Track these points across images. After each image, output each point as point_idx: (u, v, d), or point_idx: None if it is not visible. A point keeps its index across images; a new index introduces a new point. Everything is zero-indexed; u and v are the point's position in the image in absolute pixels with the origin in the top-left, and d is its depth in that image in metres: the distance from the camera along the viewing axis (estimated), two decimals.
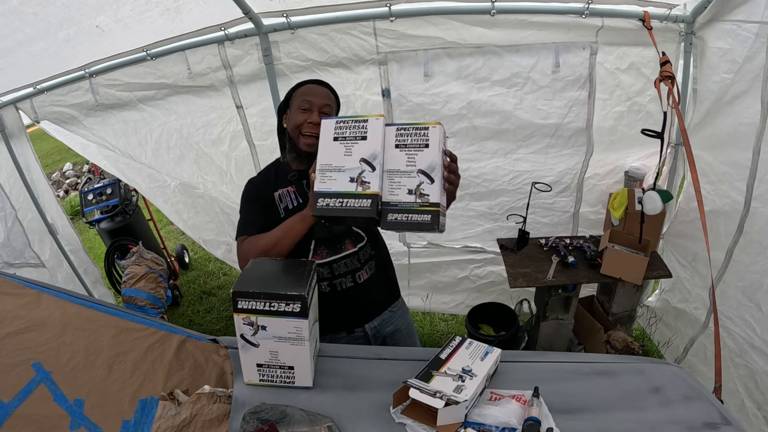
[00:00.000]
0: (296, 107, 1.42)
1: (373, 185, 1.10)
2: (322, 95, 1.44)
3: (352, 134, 1.11)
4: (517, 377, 1.32)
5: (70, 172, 7.31)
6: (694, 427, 1.15)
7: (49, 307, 1.30)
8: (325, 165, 1.12)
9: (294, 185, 1.47)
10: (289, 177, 1.47)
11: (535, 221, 2.48)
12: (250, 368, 1.25)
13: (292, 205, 1.46)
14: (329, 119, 1.16)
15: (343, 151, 1.11)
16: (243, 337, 1.21)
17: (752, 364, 1.87)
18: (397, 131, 1.11)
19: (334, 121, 1.14)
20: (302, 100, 1.42)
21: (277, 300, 1.16)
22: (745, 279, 1.89)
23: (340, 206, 1.11)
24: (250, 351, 1.22)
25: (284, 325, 1.18)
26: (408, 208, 1.11)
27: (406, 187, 1.11)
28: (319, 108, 1.40)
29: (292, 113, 1.44)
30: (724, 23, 1.81)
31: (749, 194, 1.80)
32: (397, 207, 1.11)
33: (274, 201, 1.46)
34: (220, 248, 3.10)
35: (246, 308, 1.17)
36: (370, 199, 1.09)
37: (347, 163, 1.11)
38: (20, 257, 2.76)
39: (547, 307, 2.27)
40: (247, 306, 1.17)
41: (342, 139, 1.12)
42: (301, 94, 1.44)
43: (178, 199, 2.94)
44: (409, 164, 1.11)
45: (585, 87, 2.12)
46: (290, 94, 1.48)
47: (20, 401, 1.05)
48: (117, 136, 2.54)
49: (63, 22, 1.73)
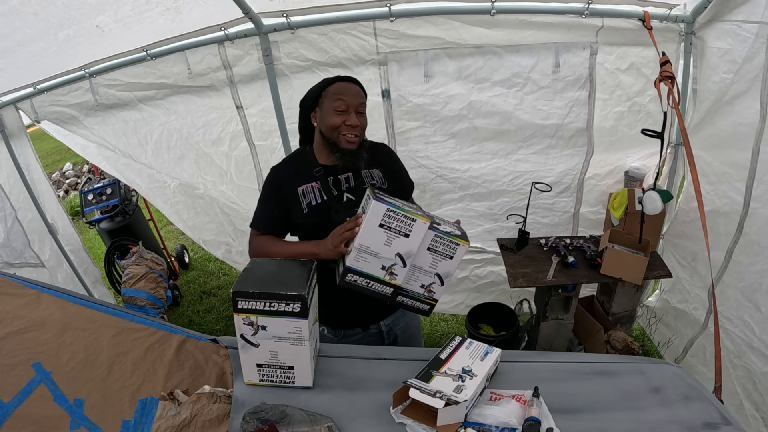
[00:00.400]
0: (330, 108, 1.40)
1: (399, 278, 1.26)
2: (355, 94, 1.42)
3: (397, 228, 1.20)
4: (517, 377, 1.32)
5: (70, 172, 7.31)
6: (694, 427, 1.15)
7: (49, 307, 1.30)
8: (364, 246, 1.22)
9: (319, 180, 1.46)
10: (315, 172, 1.46)
11: (535, 221, 2.48)
12: (250, 368, 1.25)
13: (315, 201, 1.45)
14: (381, 203, 1.19)
15: (384, 239, 1.21)
16: (243, 337, 1.21)
17: (750, 365, 1.87)
18: (435, 237, 1.24)
19: (386, 208, 1.19)
20: (337, 100, 1.39)
21: (277, 300, 1.16)
22: (745, 279, 1.89)
23: (365, 286, 1.26)
24: (250, 351, 1.22)
25: (284, 325, 1.18)
26: (416, 297, 1.31)
27: (421, 282, 1.29)
28: (355, 108, 1.40)
29: (325, 113, 1.41)
30: (724, 23, 1.81)
31: (748, 195, 1.80)
32: (407, 293, 1.30)
33: (297, 196, 1.45)
34: (220, 248, 3.10)
35: (246, 308, 1.17)
36: (393, 288, 1.27)
37: (384, 252, 1.22)
38: (20, 257, 2.76)
39: (547, 307, 2.27)
40: (247, 306, 1.17)
41: (387, 228, 1.20)
42: (334, 93, 1.40)
43: (177, 200, 2.93)
44: (432, 266, 1.27)
45: (585, 87, 2.12)
46: (319, 91, 1.44)
47: (20, 401, 1.05)
48: (117, 136, 2.54)
49: (63, 22, 1.73)
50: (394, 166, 1.60)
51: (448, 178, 2.43)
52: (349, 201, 1.46)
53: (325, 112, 1.41)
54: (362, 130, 1.43)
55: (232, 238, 2.93)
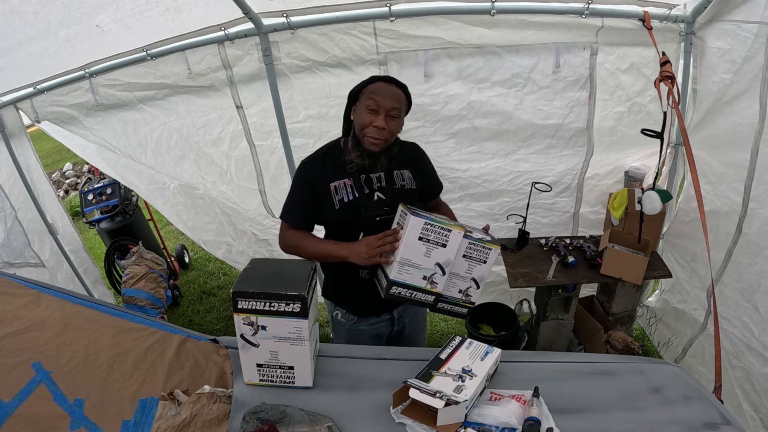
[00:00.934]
0: (364, 105, 1.39)
1: (439, 286, 1.33)
2: (391, 96, 1.39)
3: (435, 239, 1.28)
4: (517, 377, 1.32)
5: (70, 172, 7.31)
6: (694, 427, 1.15)
7: (49, 307, 1.30)
8: (406, 260, 1.29)
9: (351, 177, 1.46)
10: (348, 168, 1.46)
11: (535, 221, 2.48)
12: (250, 368, 1.25)
13: (348, 198, 1.46)
14: (419, 218, 1.26)
15: (423, 251, 1.28)
16: (243, 337, 1.21)
17: (749, 366, 1.87)
18: (469, 245, 1.31)
19: (424, 222, 1.26)
20: (370, 99, 1.38)
21: (277, 300, 1.17)
22: (744, 280, 1.88)
23: (408, 296, 1.33)
24: (250, 351, 1.23)
25: (284, 325, 1.19)
26: (454, 302, 1.39)
27: (459, 287, 1.37)
28: (387, 111, 1.38)
29: (359, 110, 1.42)
30: (724, 23, 1.81)
31: (747, 195, 1.80)
32: (447, 299, 1.38)
33: (330, 191, 1.45)
34: (220, 248, 3.09)
35: (246, 308, 1.18)
36: (434, 296, 1.35)
37: (424, 263, 1.30)
38: (20, 257, 2.76)
39: (547, 307, 2.27)
40: (247, 306, 1.17)
41: (426, 240, 1.28)
42: (370, 91, 1.40)
43: (177, 201, 2.92)
44: (468, 272, 1.35)
45: (585, 87, 2.12)
46: (361, 88, 1.44)
47: (20, 401, 1.05)
48: (117, 136, 2.53)
49: (63, 21, 1.73)
50: (424, 166, 1.61)
51: (448, 177, 2.43)
52: (379, 200, 1.48)
53: (359, 109, 1.42)
54: (390, 133, 1.41)
55: (233, 238, 2.93)
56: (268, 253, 2.84)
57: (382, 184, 1.50)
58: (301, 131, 2.37)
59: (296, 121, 2.35)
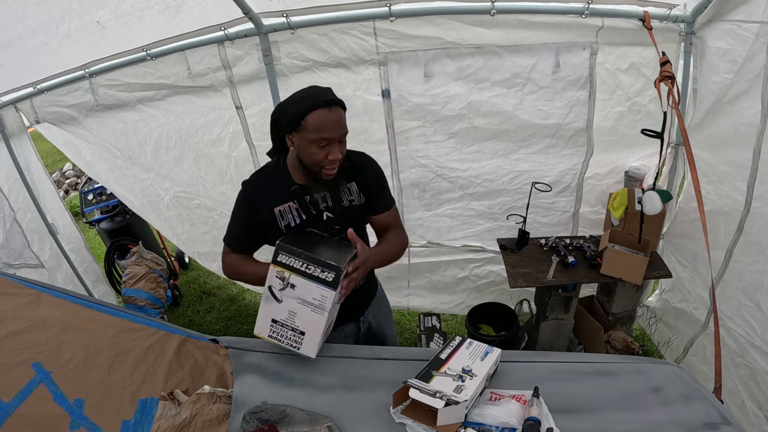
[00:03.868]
0: (310, 141, 1.28)
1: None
2: (337, 125, 1.30)
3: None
4: (517, 377, 1.32)
5: (70, 172, 7.31)
6: (694, 427, 1.15)
7: (49, 307, 1.30)
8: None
9: (296, 200, 1.42)
10: (291, 191, 1.41)
11: (535, 221, 2.48)
12: (265, 322, 1.29)
13: (294, 222, 1.42)
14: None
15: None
16: (270, 289, 1.26)
17: (753, 363, 1.87)
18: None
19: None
20: (319, 137, 1.27)
21: (315, 264, 1.22)
22: (745, 279, 1.88)
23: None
24: (272, 305, 1.27)
25: (313, 290, 1.23)
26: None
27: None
28: (338, 140, 1.31)
29: (304, 144, 1.30)
30: (724, 23, 1.81)
31: (749, 194, 1.80)
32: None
33: (275, 216, 1.41)
34: (216, 260, 3.05)
35: (284, 263, 1.23)
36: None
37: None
38: (19, 258, 2.76)
39: (547, 307, 2.27)
40: (285, 261, 1.23)
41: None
42: (316, 129, 1.27)
43: (171, 214, 2.87)
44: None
45: (585, 87, 2.12)
46: (298, 118, 1.28)
47: (20, 401, 1.06)
48: (117, 136, 2.54)
49: (64, 15, 1.73)
50: (370, 178, 1.51)
51: (447, 177, 2.43)
52: (328, 219, 1.44)
53: (304, 143, 1.30)
54: (343, 155, 1.35)
55: None
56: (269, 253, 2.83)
57: (328, 204, 1.44)
58: None
59: None
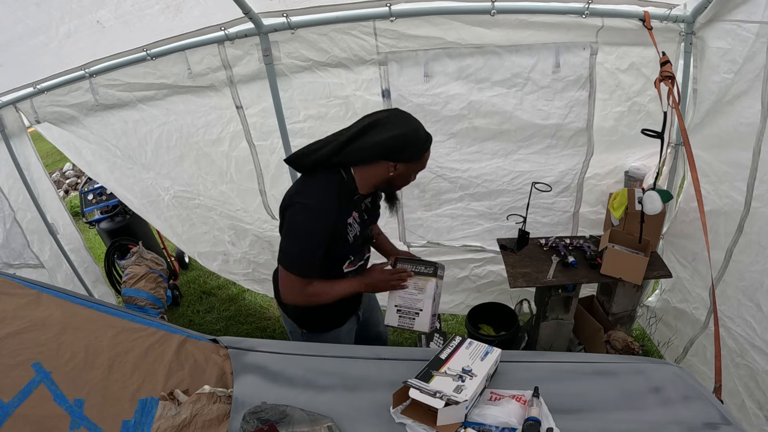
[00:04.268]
0: (415, 170, 1.49)
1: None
2: None
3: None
4: (517, 377, 1.32)
5: (70, 172, 7.31)
6: (694, 427, 1.15)
7: (49, 307, 1.30)
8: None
9: (356, 209, 1.52)
10: (355, 199, 1.50)
11: (535, 221, 2.48)
12: (392, 312, 1.60)
13: (357, 231, 1.52)
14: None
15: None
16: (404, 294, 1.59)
17: (753, 363, 1.87)
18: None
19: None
20: (421, 168, 1.51)
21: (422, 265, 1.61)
22: (745, 279, 1.89)
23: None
24: (395, 299, 1.60)
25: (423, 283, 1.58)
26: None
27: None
28: None
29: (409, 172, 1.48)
30: (724, 23, 1.81)
31: (749, 194, 1.80)
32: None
33: (346, 229, 1.48)
34: (216, 260, 3.07)
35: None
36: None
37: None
38: (19, 258, 2.76)
39: (547, 307, 2.27)
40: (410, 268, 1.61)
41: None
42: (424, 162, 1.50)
43: (171, 213, 2.87)
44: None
45: (585, 87, 2.12)
46: (422, 152, 1.44)
47: (20, 401, 1.05)
48: (117, 136, 2.53)
49: (64, 15, 1.73)
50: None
51: (448, 177, 2.43)
52: (368, 221, 1.61)
53: (410, 171, 1.48)
54: None
55: (232, 243, 2.91)
56: (270, 254, 2.83)
57: (368, 207, 1.60)
58: (301, 131, 2.37)
59: (296, 121, 2.35)
